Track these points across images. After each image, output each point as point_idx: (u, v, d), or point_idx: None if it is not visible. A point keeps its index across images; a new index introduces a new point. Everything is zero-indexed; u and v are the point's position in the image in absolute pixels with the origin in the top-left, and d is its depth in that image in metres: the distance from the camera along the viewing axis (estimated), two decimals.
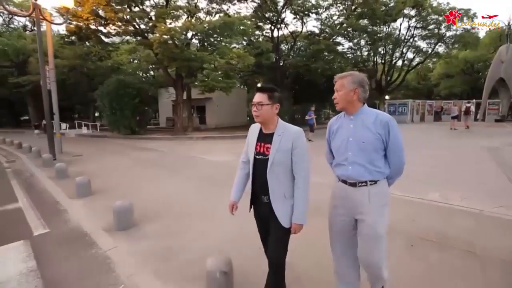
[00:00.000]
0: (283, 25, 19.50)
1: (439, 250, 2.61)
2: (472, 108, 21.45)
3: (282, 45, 21.14)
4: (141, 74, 20.68)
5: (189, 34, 11.04)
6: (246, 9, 18.13)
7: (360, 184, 1.61)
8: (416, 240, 2.80)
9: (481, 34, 29.11)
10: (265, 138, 1.71)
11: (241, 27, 11.09)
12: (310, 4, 17.61)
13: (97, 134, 18.42)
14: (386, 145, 1.61)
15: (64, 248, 2.90)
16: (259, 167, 1.69)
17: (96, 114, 29.05)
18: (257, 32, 17.73)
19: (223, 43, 11.36)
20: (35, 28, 7.32)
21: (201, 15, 12.30)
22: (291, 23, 19.10)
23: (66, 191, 4.92)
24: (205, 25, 10.20)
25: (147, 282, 2.21)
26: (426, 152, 8.07)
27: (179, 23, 10.34)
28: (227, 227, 3.15)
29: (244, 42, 10.90)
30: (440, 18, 18.80)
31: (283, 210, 1.65)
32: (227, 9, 14.81)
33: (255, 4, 17.62)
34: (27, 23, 20.54)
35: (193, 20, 10.34)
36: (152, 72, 25.36)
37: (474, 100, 26.25)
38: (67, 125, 19.54)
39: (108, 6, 10.17)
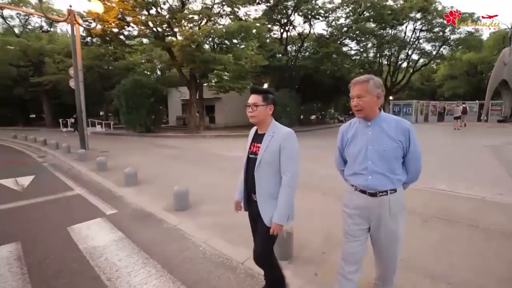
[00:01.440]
0: (291, 27, 20.11)
1: (448, 225, 3.21)
2: (468, 108, 22.10)
3: (289, 46, 21.72)
4: (154, 74, 21.32)
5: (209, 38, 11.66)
6: (255, 11, 18.70)
7: (380, 194, 1.58)
8: (429, 218, 3.40)
9: (485, 36, 29.55)
10: (258, 138, 1.77)
11: (256, 31, 11.74)
12: (318, 6, 18.17)
13: (112, 132, 19.08)
14: (406, 152, 1.59)
15: (139, 223, 3.52)
16: (251, 166, 1.75)
17: (109, 114, 29.80)
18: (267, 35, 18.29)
19: (239, 46, 11.96)
20: (50, 29, 7.92)
21: (218, 19, 12.91)
22: (299, 25, 19.47)
23: (113, 181, 5.54)
24: (224, 29, 10.85)
25: (222, 244, 2.82)
26: (432, 150, 8.65)
27: (196, 27, 10.97)
28: None
29: (258, 45, 11.46)
30: (445, 22, 19.38)
31: (268, 209, 1.69)
32: (237, 11, 15.45)
33: (265, 7, 18.24)
34: (43, 23, 21.26)
35: (212, 24, 10.95)
36: (159, 72, 26.09)
37: (477, 101, 26.75)
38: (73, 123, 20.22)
39: (132, 11, 10.82)
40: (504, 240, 2.85)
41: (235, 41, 11.87)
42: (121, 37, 13.34)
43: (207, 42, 10.53)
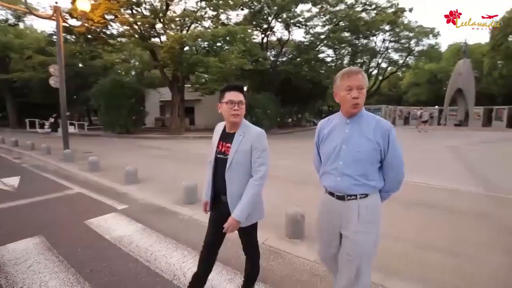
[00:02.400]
0: (271, 33, 20.81)
1: (426, 208, 3.84)
2: (423, 114, 24.80)
3: (269, 51, 22.42)
4: (129, 75, 20.72)
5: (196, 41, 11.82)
6: (237, 16, 19.12)
7: (348, 197, 1.44)
8: (409, 203, 4.02)
9: (443, 48, 32.80)
10: (227, 137, 1.69)
11: (242, 36, 12.14)
12: (297, 14, 19.07)
13: (88, 133, 18.30)
14: (384, 156, 1.43)
15: (154, 216, 3.72)
16: (220, 166, 1.67)
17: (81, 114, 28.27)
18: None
19: (225, 50, 12.26)
20: (18, 23, 7.33)
21: (203, 22, 13.13)
22: (278, 31, 20.29)
23: (110, 180, 5.58)
24: (212, 34, 11.11)
25: None
26: (405, 149, 9.63)
27: (184, 30, 11.05)
28: (272, 198, 4.15)
29: (243, 49, 11.87)
30: (411, 34, 21.38)
31: None
32: (220, 15, 15.75)
33: (246, 12, 18.74)
34: (9, 16, 19.80)
35: (200, 28, 11.14)
36: (133, 72, 25.36)
37: (437, 106, 29.49)
38: (47, 123, 19.10)
39: (118, 11, 10.62)
40: (466, 217, 3.52)
41: (220, 44, 12.14)
42: (104, 36, 12.99)
43: (195, 45, 10.67)
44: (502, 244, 2.83)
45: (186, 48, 13.63)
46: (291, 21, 18.79)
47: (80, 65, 18.93)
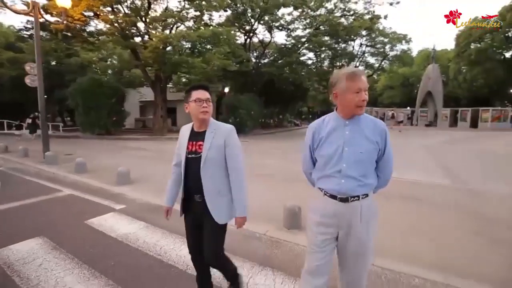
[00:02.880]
0: (253, 35, 21.13)
1: (401, 200, 4.28)
2: (395, 114, 26.93)
3: (251, 53, 22.74)
4: (106, 75, 20.04)
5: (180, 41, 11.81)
6: (219, 17, 19.23)
7: (352, 199, 1.46)
8: (389, 196, 4.44)
9: (414, 53, 35.00)
10: (197, 136, 1.70)
11: (226, 37, 12.30)
12: (278, 17, 19.55)
13: (65, 134, 17.50)
14: (381, 154, 1.50)
15: (154, 214, 3.81)
16: (192, 166, 1.67)
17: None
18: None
19: (210, 51, 12.34)
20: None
21: (188, 23, 13.14)
22: (260, 33, 20.73)
23: (101, 181, 5.53)
24: (197, 35, 11.15)
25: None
26: None
27: (167, 30, 10.98)
28: (266, 194, 4.39)
29: (228, 51, 12.03)
30: (385, 40, 22.71)
31: (218, 207, 1.66)
32: (203, 16, 15.80)
33: (229, 13, 18.91)
34: None
35: (184, 29, 11.16)
36: (109, 71, 24.51)
37: (409, 107, 31.36)
38: (24, 124, 18.05)
39: (100, 8, 10.32)
40: (438, 207, 3.99)
41: (203, 45, 12.21)
42: (83, 33, 12.54)
43: (179, 45, 10.66)
44: (467, 225, 3.27)
45: (169, 48, 13.59)
46: (273, 23, 19.24)
47: (53, 63, 18.04)
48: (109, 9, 11.41)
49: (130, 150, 10.82)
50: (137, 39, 13.04)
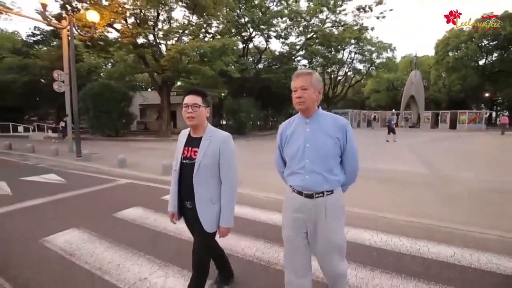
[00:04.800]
0: (250, 43, 22.52)
1: (387, 182, 5.67)
2: (377, 117, 29.55)
3: (248, 59, 24.11)
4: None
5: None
6: (218, 26, 20.52)
7: (317, 195, 1.51)
8: (380, 179, 5.83)
9: (398, 59, 37.40)
10: (192, 142, 1.68)
11: (233, 47, 13.60)
12: (273, 23, 21.04)
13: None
14: (343, 150, 1.55)
15: None
16: (186, 171, 1.65)
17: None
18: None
19: (220, 60, 13.60)
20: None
21: (200, 35, 14.39)
22: (255, 39, 22.23)
23: (146, 172, 6.64)
24: (209, 45, 12.39)
25: (263, 194, 4.61)
26: (370, 147, 11.83)
27: (181, 41, 12.13)
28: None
29: (235, 60, 13.27)
30: (372, 48, 24.73)
31: (208, 215, 1.64)
32: (208, 27, 17.04)
33: (229, 23, 20.23)
34: None
35: (196, 42, 12.36)
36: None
37: (394, 110, 33.46)
38: (31, 127, 18.62)
39: (123, 22, 11.38)
40: (420, 187, 5.41)
41: (212, 55, 13.44)
42: (102, 43, 13.51)
43: (193, 55, 11.83)
44: (439, 198, 4.66)
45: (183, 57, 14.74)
46: (270, 32, 20.69)
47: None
48: (124, 21, 12.49)
49: (146, 150, 11.83)
50: (147, 49, 14.09)
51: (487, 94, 30.70)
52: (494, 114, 25.43)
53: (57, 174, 6.83)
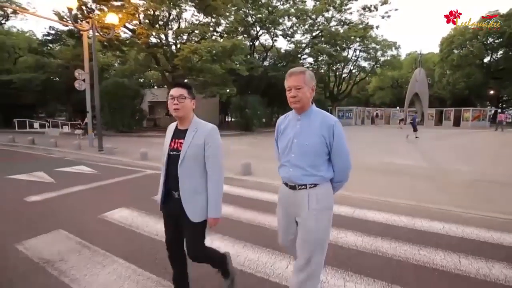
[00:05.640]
0: (257, 41, 23.00)
1: (390, 174, 6.23)
2: (380, 113, 30.05)
3: (254, 56, 24.62)
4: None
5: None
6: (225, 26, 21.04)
7: (299, 187, 1.59)
8: (379, 169, 6.39)
9: (403, 57, 37.56)
10: (179, 134, 1.74)
11: (242, 47, 14.17)
12: (279, 21, 21.48)
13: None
14: (330, 148, 1.57)
15: (230, 181, 5.60)
16: (172, 163, 1.71)
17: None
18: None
19: (230, 58, 14.19)
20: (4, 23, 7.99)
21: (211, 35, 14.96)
22: (261, 37, 22.76)
23: None
24: (220, 45, 12.97)
25: None
26: (373, 140, 12.35)
27: (193, 41, 12.72)
28: None
29: (244, 59, 13.82)
30: (377, 47, 25.04)
31: (193, 205, 1.67)
32: (217, 26, 17.58)
33: (236, 22, 20.74)
34: None
35: (208, 42, 12.96)
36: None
37: (398, 107, 33.75)
38: (47, 124, 19.39)
39: (140, 23, 12.03)
40: (417, 179, 5.96)
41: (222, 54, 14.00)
42: (117, 43, 14.17)
43: (206, 54, 12.42)
44: (435, 187, 5.22)
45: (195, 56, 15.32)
46: (276, 30, 21.16)
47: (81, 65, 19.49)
48: (138, 22, 13.15)
49: (159, 144, 12.13)
50: (159, 49, 14.73)
51: (491, 92, 30.85)
52: (499, 111, 25.63)
53: (86, 166, 7.50)
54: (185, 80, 18.59)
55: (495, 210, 3.72)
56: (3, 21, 19.40)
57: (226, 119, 27.28)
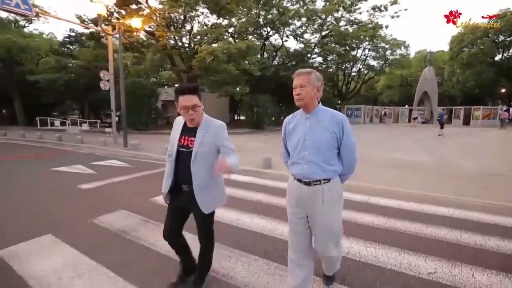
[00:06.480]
0: (267, 41, 23.49)
1: (399, 168, 6.70)
2: (388, 112, 30.30)
3: (264, 56, 25.13)
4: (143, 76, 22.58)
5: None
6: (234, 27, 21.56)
7: (314, 183, 1.68)
8: (395, 166, 6.86)
9: (412, 54, 37.48)
10: (189, 131, 1.81)
11: (255, 48, 14.74)
12: (289, 21, 21.92)
13: (104, 130, 19.78)
14: (340, 143, 1.70)
15: (256, 173, 6.17)
16: (183, 158, 1.80)
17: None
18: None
19: (244, 60, 14.81)
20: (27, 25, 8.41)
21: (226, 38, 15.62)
22: (271, 37, 23.28)
23: None
24: (235, 47, 13.58)
25: None
26: (385, 139, 12.74)
27: (206, 43, 13.39)
28: None
29: (257, 60, 14.41)
30: (386, 46, 25.24)
31: (205, 197, 1.80)
32: (225, 25, 18.17)
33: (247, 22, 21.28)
34: (18, 18, 20.67)
35: (224, 44, 13.60)
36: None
37: (407, 106, 33.82)
38: (67, 122, 20.34)
39: (161, 28, 12.80)
40: (425, 173, 6.43)
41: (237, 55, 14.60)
42: (138, 45, 14.94)
43: (222, 56, 13.05)
44: (441, 179, 5.67)
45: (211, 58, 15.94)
46: (287, 31, 21.67)
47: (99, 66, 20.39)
48: (157, 26, 13.93)
49: None
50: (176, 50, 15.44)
51: (503, 90, 30.61)
52: (504, 109, 25.46)
53: (118, 160, 8.18)
54: (197, 81, 19.34)
55: (496, 198, 4.20)
56: (26, 24, 20.46)
57: (236, 117, 27.86)
